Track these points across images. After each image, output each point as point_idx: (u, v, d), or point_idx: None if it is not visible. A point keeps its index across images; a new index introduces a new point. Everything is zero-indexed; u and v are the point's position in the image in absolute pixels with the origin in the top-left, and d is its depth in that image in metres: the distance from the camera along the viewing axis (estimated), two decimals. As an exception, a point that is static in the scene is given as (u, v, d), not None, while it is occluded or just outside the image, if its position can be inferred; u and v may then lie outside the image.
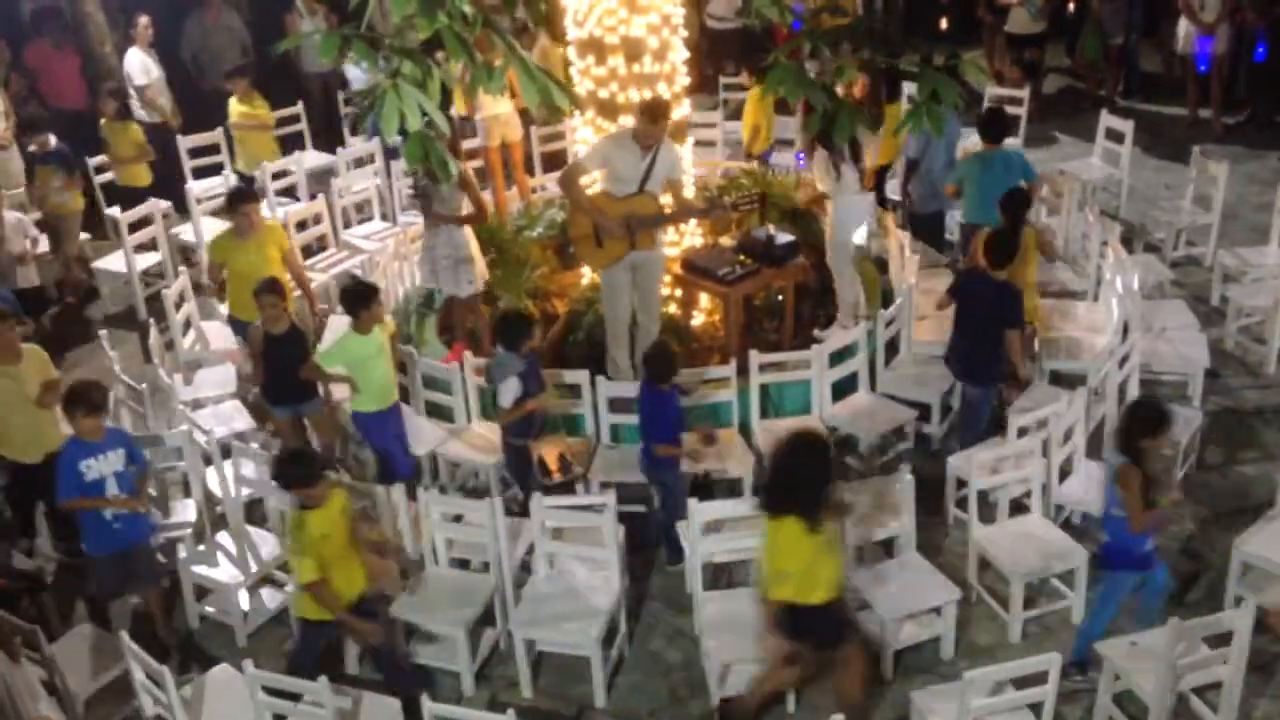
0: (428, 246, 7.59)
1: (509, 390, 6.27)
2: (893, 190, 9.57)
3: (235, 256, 7.53)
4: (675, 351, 6.45)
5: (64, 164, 9.32)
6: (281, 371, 6.80)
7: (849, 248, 7.63)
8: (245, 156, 10.35)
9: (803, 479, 5.00)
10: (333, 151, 10.63)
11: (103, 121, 10.00)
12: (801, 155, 9.98)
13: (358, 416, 6.78)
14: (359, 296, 6.54)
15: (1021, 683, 4.89)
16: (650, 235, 7.00)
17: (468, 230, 7.53)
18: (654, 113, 6.79)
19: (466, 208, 7.51)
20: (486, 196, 9.63)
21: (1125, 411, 5.54)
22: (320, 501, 5.34)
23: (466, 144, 9.17)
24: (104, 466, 5.88)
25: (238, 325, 7.70)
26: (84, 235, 9.93)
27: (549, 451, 6.38)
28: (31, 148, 9.56)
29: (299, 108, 11.06)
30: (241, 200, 7.62)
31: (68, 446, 5.94)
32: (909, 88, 8.71)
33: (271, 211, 9.76)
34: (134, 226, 9.35)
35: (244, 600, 6.32)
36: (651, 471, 6.41)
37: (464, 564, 6.23)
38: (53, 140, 9.44)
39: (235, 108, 10.32)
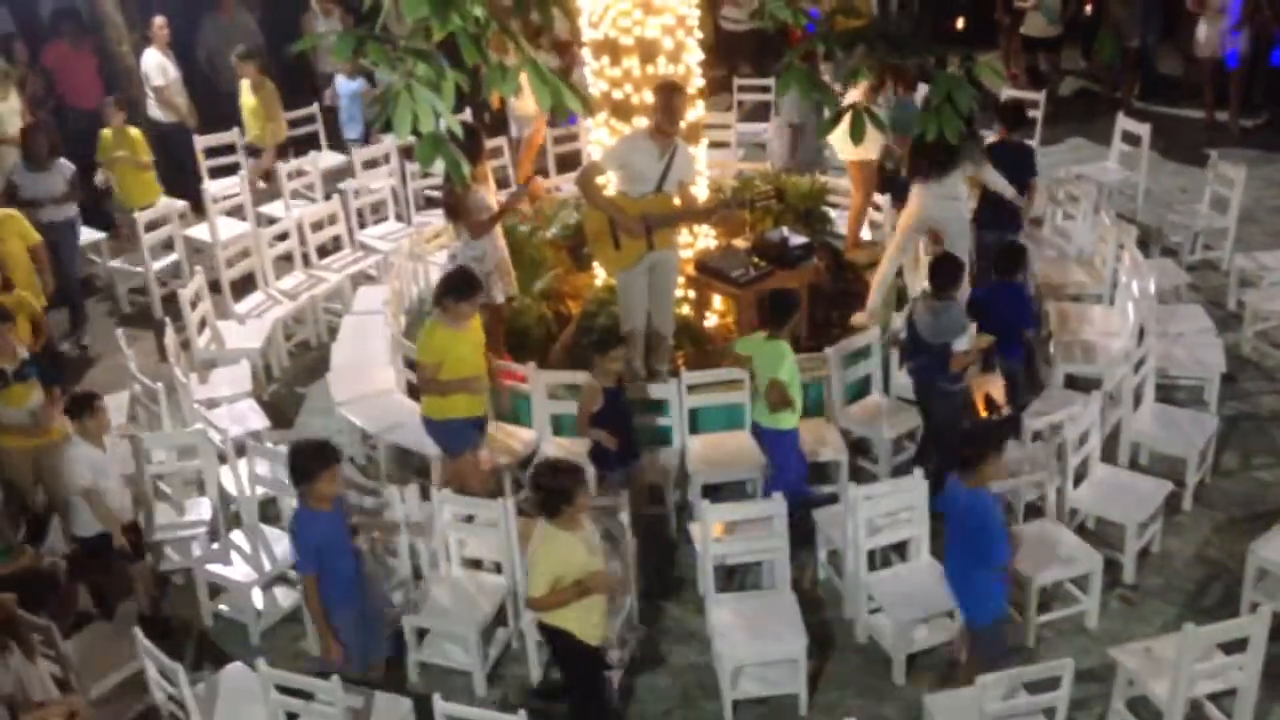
0: (475, 258, 7.16)
1: (967, 336, 6.33)
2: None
3: (455, 348, 6.24)
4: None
5: (42, 375, 6.70)
6: (625, 427, 6.40)
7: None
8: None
9: None
10: (347, 152, 10.69)
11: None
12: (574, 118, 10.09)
13: (783, 435, 6.37)
14: (791, 306, 6.27)
15: (1035, 687, 4.87)
16: (667, 235, 7.00)
17: (499, 233, 7.45)
18: (668, 93, 6.75)
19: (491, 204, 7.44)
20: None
21: None
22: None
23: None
24: None
25: (447, 429, 6.45)
26: (100, 234, 9.95)
27: (980, 393, 6.55)
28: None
29: (314, 108, 11.11)
30: (476, 289, 6.35)
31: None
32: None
33: (287, 211, 9.81)
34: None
35: (258, 599, 6.34)
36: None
37: (476, 564, 6.24)
38: (22, 350, 6.74)
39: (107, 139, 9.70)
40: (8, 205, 8.51)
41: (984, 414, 6.62)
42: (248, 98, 10.72)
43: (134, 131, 9.85)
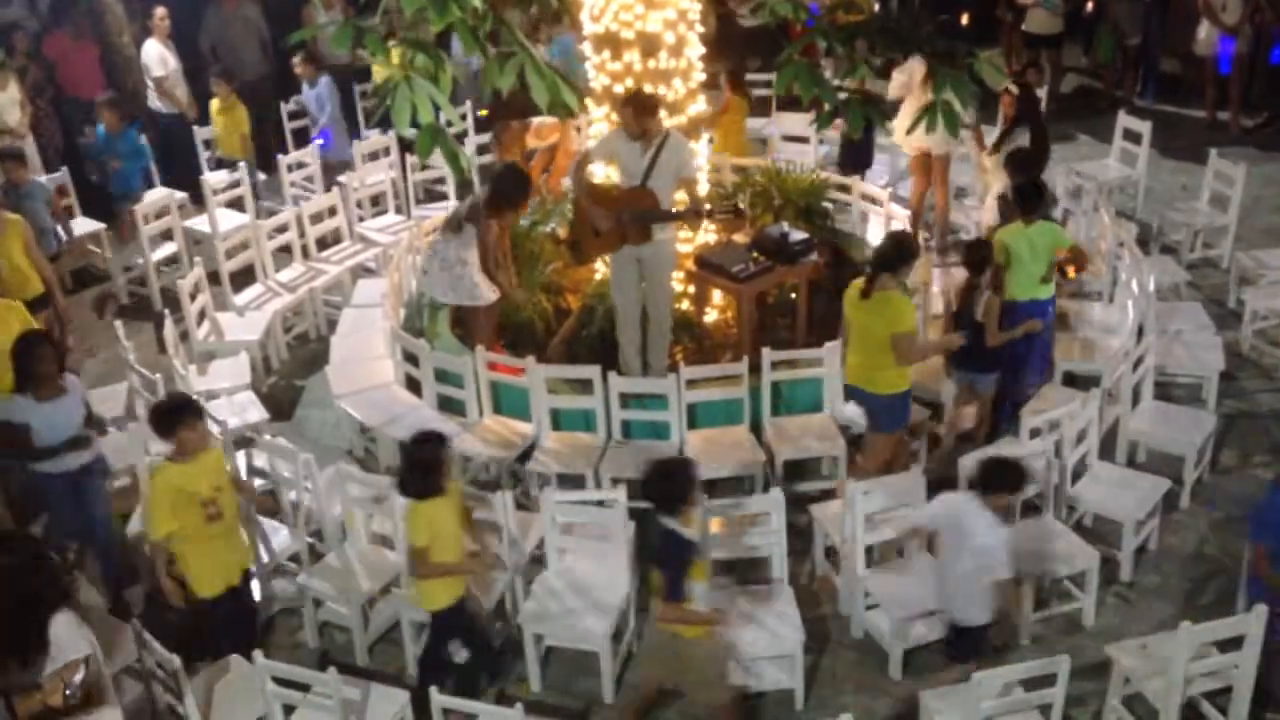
0: (474, 261, 7.19)
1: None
2: (903, 190, 9.55)
3: (914, 314, 6.35)
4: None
5: None
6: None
7: None
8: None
9: None
10: (349, 143, 10.67)
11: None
12: (327, 133, 10.54)
13: (1051, 303, 7.05)
14: (1041, 194, 7.02)
15: (1031, 684, 4.87)
16: (642, 230, 6.92)
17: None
18: (636, 106, 6.74)
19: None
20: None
21: None
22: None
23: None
24: None
25: (901, 402, 6.34)
26: (100, 225, 9.94)
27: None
28: None
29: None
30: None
31: None
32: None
33: (287, 204, 9.80)
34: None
35: (256, 591, 6.33)
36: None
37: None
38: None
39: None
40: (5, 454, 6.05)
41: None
42: None
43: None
